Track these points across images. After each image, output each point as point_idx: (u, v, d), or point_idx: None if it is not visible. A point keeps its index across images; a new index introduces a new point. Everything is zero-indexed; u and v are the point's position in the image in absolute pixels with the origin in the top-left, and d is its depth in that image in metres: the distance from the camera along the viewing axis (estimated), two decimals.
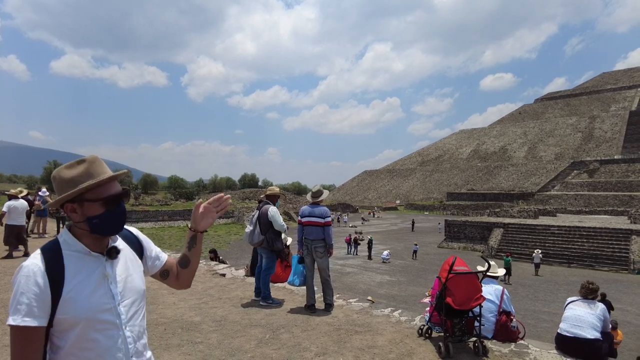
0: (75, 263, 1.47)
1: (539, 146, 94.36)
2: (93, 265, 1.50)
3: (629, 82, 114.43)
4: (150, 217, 44.90)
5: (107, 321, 1.45)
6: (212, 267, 8.53)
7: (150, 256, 1.73)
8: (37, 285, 1.35)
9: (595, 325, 4.20)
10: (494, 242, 31.30)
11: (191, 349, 4.19)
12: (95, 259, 1.51)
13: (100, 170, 1.51)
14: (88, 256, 1.50)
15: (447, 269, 4.25)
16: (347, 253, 31.13)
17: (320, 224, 5.72)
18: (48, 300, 1.37)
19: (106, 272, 1.50)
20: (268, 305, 5.77)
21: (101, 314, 1.44)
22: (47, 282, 1.37)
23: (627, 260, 25.59)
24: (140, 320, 1.58)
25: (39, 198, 13.04)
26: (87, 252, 1.50)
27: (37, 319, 1.34)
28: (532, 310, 16.78)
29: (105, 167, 1.54)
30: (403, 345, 4.37)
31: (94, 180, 1.47)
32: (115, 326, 1.47)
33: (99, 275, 1.49)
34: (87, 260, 1.49)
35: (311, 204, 5.91)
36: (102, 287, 1.48)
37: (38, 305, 1.35)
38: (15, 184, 70.60)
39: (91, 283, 1.46)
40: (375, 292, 18.93)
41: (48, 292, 1.37)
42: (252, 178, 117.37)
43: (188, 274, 1.78)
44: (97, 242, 1.53)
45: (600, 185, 62.84)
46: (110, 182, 1.53)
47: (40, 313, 1.35)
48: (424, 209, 77.94)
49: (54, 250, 1.46)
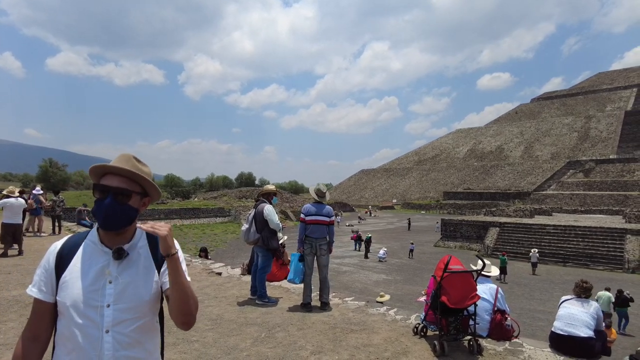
0: (87, 252, 1.51)
1: (535, 146, 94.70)
2: (99, 259, 1.49)
3: (625, 82, 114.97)
4: (146, 215, 44.71)
5: (88, 317, 1.42)
6: (208, 265, 8.53)
7: (165, 272, 1.55)
8: (48, 262, 1.50)
9: (588, 323, 4.23)
10: (490, 241, 31.42)
11: (187, 348, 4.19)
12: (104, 254, 1.51)
13: (114, 162, 1.52)
14: (99, 249, 1.51)
15: (442, 268, 4.27)
16: (354, 249, 31.48)
17: (326, 223, 5.84)
18: (53, 280, 1.48)
19: (109, 269, 1.48)
20: (264, 303, 5.78)
21: (85, 308, 1.42)
22: (54, 262, 1.49)
23: (622, 260, 25.74)
24: (132, 330, 1.47)
25: (32, 197, 12.98)
26: (100, 245, 1.51)
27: (42, 293, 1.48)
28: (527, 309, 16.87)
29: (124, 162, 1.52)
30: (398, 343, 4.39)
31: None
32: (95, 326, 1.42)
33: (100, 270, 1.48)
34: (96, 253, 1.51)
35: (315, 202, 5.95)
36: (97, 283, 1.46)
37: (45, 281, 1.49)
38: (10, 183, 70.25)
39: (89, 275, 1.47)
40: (372, 291, 18.97)
41: (53, 272, 1.49)
42: (248, 177, 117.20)
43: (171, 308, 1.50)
44: (108, 236, 1.52)
45: (596, 185, 63.15)
46: (110, 174, 1.51)
47: (46, 289, 1.48)
48: (421, 208, 78.05)
49: (79, 237, 1.56)
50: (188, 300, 1.48)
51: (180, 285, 1.47)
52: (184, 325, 1.51)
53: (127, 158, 1.54)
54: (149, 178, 1.55)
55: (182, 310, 1.48)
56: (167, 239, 1.45)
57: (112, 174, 1.51)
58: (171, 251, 1.46)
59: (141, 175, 1.53)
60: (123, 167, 1.50)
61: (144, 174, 1.54)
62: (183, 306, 1.48)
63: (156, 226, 1.45)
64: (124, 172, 1.50)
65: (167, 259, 1.46)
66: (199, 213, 48.73)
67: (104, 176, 1.52)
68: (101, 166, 1.51)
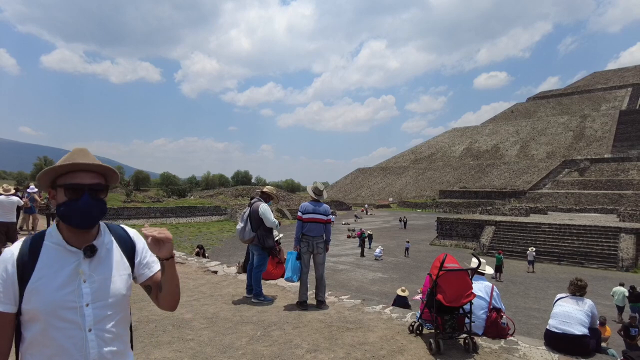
0: (51, 255, 1.43)
1: (531, 145, 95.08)
2: (68, 260, 1.44)
3: (620, 82, 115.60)
4: (142, 213, 44.66)
5: (68, 320, 1.39)
6: (204, 264, 8.50)
7: (141, 263, 1.64)
8: (5, 271, 1.39)
9: (583, 321, 4.25)
10: (486, 239, 31.54)
11: (182, 346, 4.17)
12: (72, 254, 1.45)
13: (73, 157, 1.45)
14: (65, 250, 1.45)
15: (438, 266, 4.28)
16: (358, 246, 31.68)
17: (323, 221, 5.85)
18: (14, 288, 1.39)
19: (80, 269, 1.44)
20: (260, 302, 5.77)
21: (64, 311, 1.39)
22: (15, 270, 1.39)
23: (616, 258, 25.92)
24: (113, 325, 1.49)
25: (27, 195, 12.89)
26: (65, 246, 1.45)
27: (2, 304, 1.38)
28: (523, 307, 16.96)
29: (87, 157, 1.47)
30: (394, 341, 4.39)
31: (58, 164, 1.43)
32: (77, 327, 1.40)
33: (72, 271, 1.43)
34: (63, 254, 1.45)
35: (313, 200, 5.95)
36: (71, 284, 1.42)
37: (4, 291, 1.38)
38: (4, 181, 69.78)
39: (60, 278, 1.41)
40: (368, 289, 19.01)
41: (15, 280, 1.39)
42: (245, 175, 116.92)
43: (164, 298, 1.65)
44: (75, 236, 1.47)
45: (591, 184, 63.50)
46: (80, 172, 1.46)
47: (5, 299, 1.38)
48: (417, 207, 78.23)
49: (36, 240, 1.47)
50: (179, 291, 1.67)
51: (175, 280, 1.62)
52: (172, 309, 1.70)
53: (85, 152, 1.50)
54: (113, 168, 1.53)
55: (175, 300, 1.66)
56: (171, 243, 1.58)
57: (82, 171, 1.46)
58: (173, 254, 1.60)
59: (109, 167, 1.51)
60: (93, 163, 1.47)
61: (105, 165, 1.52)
62: (176, 296, 1.66)
63: (163, 232, 1.54)
64: (94, 167, 1.47)
65: (168, 260, 1.57)
66: (195, 211, 48.62)
67: (66, 175, 1.45)
68: (70, 165, 1.44)
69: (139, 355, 3.91)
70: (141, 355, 3.92)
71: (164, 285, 1.62)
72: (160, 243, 1.53)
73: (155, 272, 1.67)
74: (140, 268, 1.64)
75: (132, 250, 1.64)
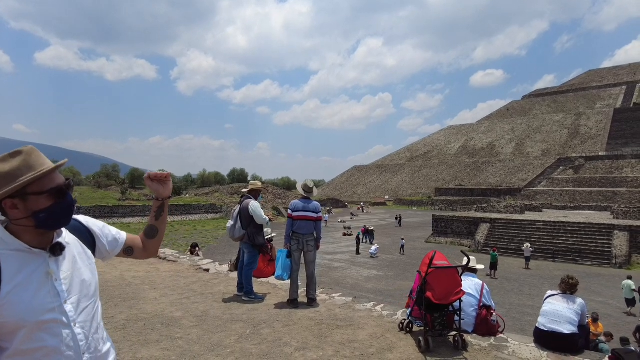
0: (14, 263, 1.35)
1: (526, 142, 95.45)
2: (35, 264, 1.40)
3: (614, 80, 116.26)
4: (138, 211, 44.57)
5: (53, 320, 1.37)
6: (196, 262, 8.46)
7: (108, 241, 1.68)
8: None
9: (572, 320, 4.25)
10: (481, 237, 31.67)
11: (170, 345, 4.14)
12: (37, 257, 1.41)
13: (41, 162, 1.41)
14: (29, 254, 1.40)
15: (427, 264, 4.26)
16: (363, 242, 32.00)
17: (313, 219, 5.81)
18: None
19: (50, 269, 1.41)
20: (250, 300, 5.74)
21: (46, 314, 1.36)
22: None
23: (610, 255, 26.10)
24: (92, 315, 1.51)
25: None
26: (28, 250, 1.40)
27: None
28: (517, 304, 17.04)
29: (44, 157, 1.44)
30: (384, 339, 4.38)
31: (35, 172, 1.37)
32: (63, 324, 1.39)
33: (42, 273, 1.39)
34: (27, 259, 1.39)
35: (303, 198, 5.92)
36: (45, 286, 1.38)
37: None
38: None
39: (33, 283, 1.36)
40: (363, 287, 19.04)
41: None
42: (241, 173, 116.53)
43: (156, 243, 1.79)
44: (40, 237, 1.43)
45: (585, 182, 63.82)
46: (53, 174, 1.43)
47: None
48: (413, 204, 78.39)
49: None
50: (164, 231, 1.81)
51: (165, 220, 1.78)
52: (154, 255, 1.83)
53: (39, 151, 1.46)
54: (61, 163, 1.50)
55: (158, 243, 1.80)
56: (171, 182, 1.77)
57: (53, 173, 1.43)
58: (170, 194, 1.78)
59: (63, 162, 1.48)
60: (61, 163, 1.46)
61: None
62: (160, 239, 1.80)
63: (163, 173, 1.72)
64: (59, 166, 1.45)
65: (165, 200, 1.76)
66: (191, 209, 48.53)
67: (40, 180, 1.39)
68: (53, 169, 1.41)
69: (127, 354, 3.88)
70: (128, 354, 3.88)
71: (160, 228, 1.77)
72: (163, 183, 1.73)
73: (124, 237, 1.75)
74: (109, 245, 1.69)
75: (91, 235, 1.64)
